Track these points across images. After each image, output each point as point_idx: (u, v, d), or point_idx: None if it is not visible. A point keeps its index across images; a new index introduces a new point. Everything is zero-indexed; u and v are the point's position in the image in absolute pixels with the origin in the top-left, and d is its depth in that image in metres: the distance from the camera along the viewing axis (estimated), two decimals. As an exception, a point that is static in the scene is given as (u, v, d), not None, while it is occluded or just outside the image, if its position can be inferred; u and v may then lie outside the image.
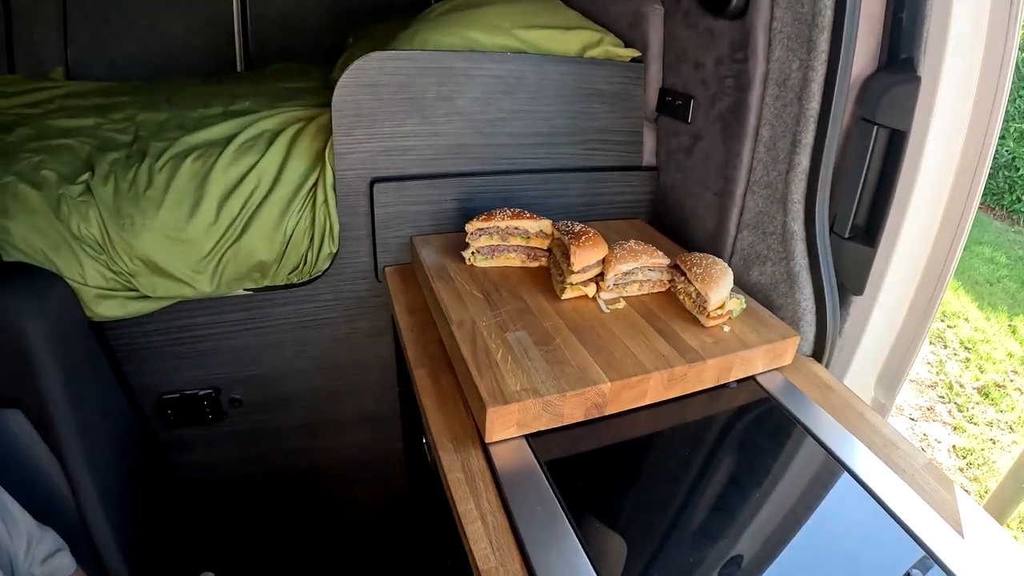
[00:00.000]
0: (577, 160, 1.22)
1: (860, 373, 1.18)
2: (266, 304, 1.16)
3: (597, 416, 0.81)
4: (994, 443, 2.75)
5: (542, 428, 0.78)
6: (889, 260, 1.04)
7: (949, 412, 2.85)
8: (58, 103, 1.61)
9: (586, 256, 0.90)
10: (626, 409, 0.83)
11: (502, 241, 1.01)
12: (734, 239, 1.14)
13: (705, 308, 0.92)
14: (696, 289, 0.93)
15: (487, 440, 0.76)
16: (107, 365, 1.13)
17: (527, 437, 0.78)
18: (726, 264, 0.97)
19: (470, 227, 0.99)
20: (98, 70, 1.91)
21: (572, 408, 0.78)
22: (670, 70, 1.22)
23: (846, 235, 1.00)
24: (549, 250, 1.02)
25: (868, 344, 1.15)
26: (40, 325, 0.95)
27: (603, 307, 0.93)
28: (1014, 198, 4.49)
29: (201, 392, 1.20)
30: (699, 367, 0.86)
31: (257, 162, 1.13)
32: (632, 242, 0.97)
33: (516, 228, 1.00)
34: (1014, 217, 4.57)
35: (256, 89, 1.66)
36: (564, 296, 0.94)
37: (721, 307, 0.93)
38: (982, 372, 3.08)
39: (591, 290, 0.94)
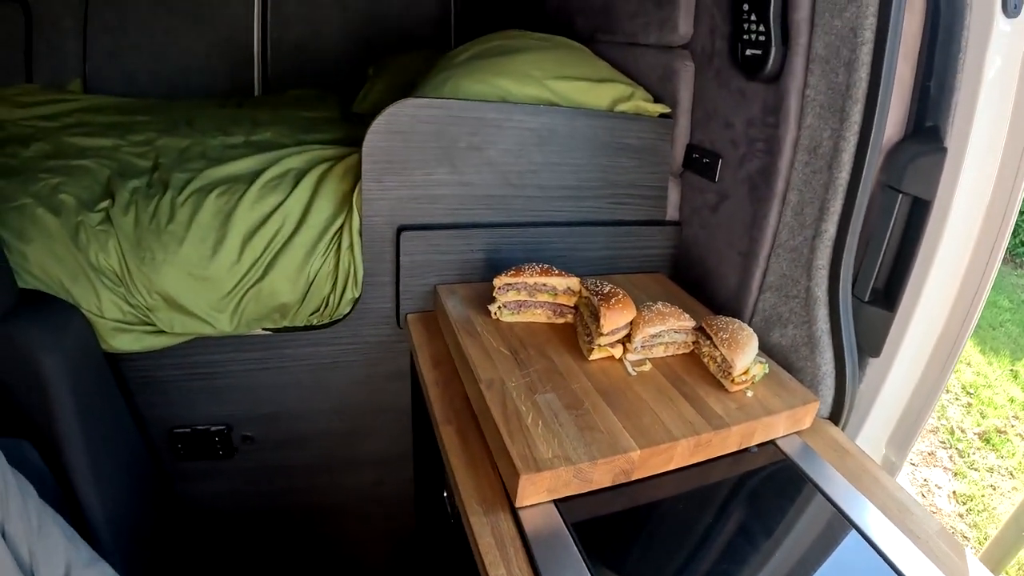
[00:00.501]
0: (603, 213, 1.25)
1: (872, 432, 1.21)
2: (285, 345, 1.17)
3: (624, 481, 0.84)
4: (994, 489, 2.77)
5: (571, 493, 0.80)
6: (907, 324, 1.06)
7: (950, 457, 2.88)
8: (76, 117, 1.64)
9: (616, 319, 0.92)
10: (652, 474, 0.86)
11: (529, 297, 1.03)
12: (756, 299, 1.17)
13: (730, 373, 0.95)
14: (722, 354, 0.96)
15: (517, 505, 0.78)
16: (120, 397, 1.14)
17: (555, 502, 0.80)
18: (751, 331, 0.99)
19: (498, 282, 1.02)
20: (115, 84, 1.94)
21: (601, 475, 0.80)
22: (699, 127, 1.25)
23: (866, 299, 1.02)
24: (575, 307, 1.05)
25: (882, 404, 1.17)
26: (56, 358, 0.96)
27: (630, 369, 0.96)
28: (1017, 242, 4.57)
29: (213, 428, 1.21)
30: (724, 434, 0.88)
31: (283, 202, 1.14)
32: (660, 304, 1.00)
33: (544, 284, 1.02)
34: (1017, 261, 4.65)
35: (276, 116, 1.69)
36: (592, 357, 0.96)
37: (745, 373, 0.95)
38: (983, 417, 3.11)
39: (618, 351, 0.97)
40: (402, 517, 1.44)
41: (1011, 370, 3.48)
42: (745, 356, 0.94)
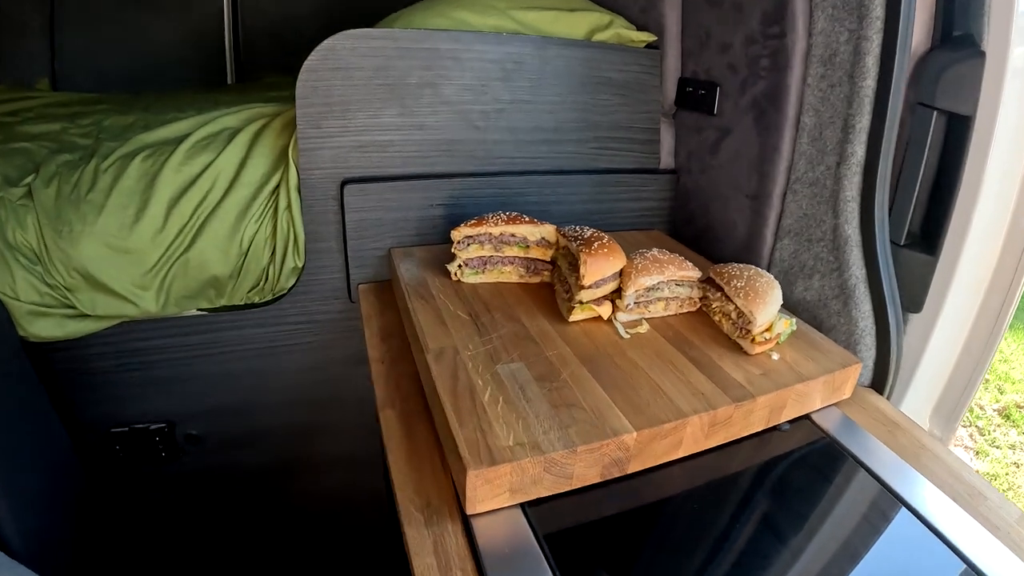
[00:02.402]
0: (584, 161, 0.99)
1: (914, 403, 0.95)
2: (224, 327, 0.94)
3: (616, 476, 0.58)
4: (1017, 467, 2.47)
5: (543, 495, 0.54)
6: (953, 270, 0.82)
7: (971, 436, 2.57)
8: (36, 112, 1.43)
9: (600, 267, 0.67)
10: (654, 465, 0.60)
11: (495, 251, 0.78)
12: (772, 249, 0.91)
13: (749, 331, 0.69)
14: (737, 307, 0.70)
15: (469, 511, 0.53)
16: (43, 393, 0.91)
17: (523, 505, 0.54)
18: (771, 277, 0.73)
19: (457, 234, 0.77)
20: (85, 81, 1.73)
21: (584, 467, 0.55)
22: (690, 57, 1.00)
23: (902, 242, 0.80)
24: (553, 262, 0.80)
25: (926, 370, 0.91)
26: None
27: (621, 331, 0.70)
28: None
29: (153, 426, 0.99)
30: (747, 406, 0.63)
31: (213, 161, 0.92)
32: (655, 251, 0.75)
33: (512, 235, 0.77)
34: None
35: (242, 97, 1.46)
36: (572, 318, 0.71)
37: (768, 329, 0.70)
38: (1001, 393, 2.80)
39: (606, 310, 0.71)
40: (375, 525, 1.18)
41: (1025, 343, 3.15)
42: (768, 307, 0.69)
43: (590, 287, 0.67)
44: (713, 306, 0.75)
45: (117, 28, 1.77)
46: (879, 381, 0.81)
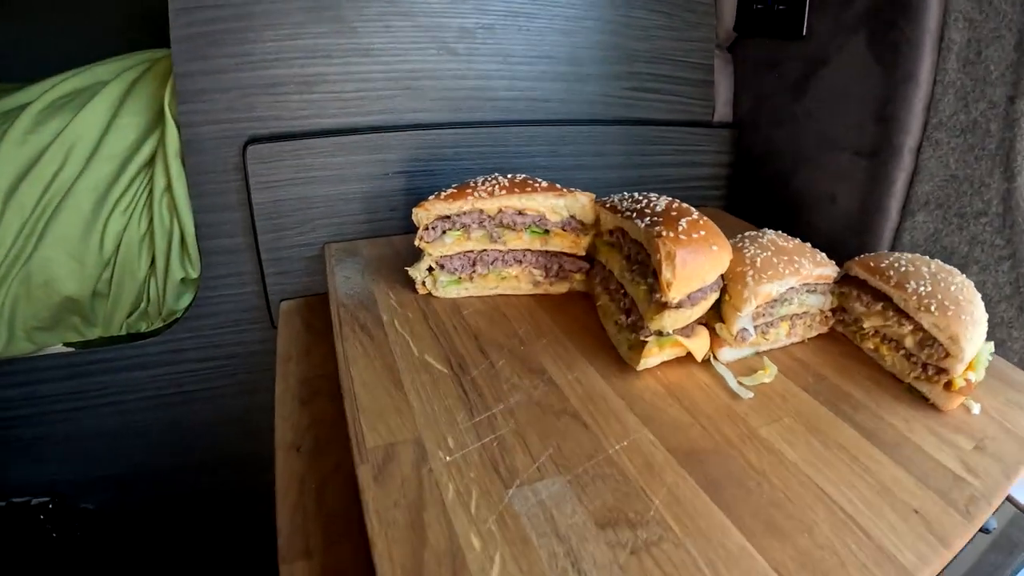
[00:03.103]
0: (611, 108, 0.66)
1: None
2: (101, 368, 0.65)
3: None
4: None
5: None
6: None
7: None
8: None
9: (699, 266, 0.34)
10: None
11: (492, 242, 0.45)
12: (897, 227, 0.61)
13: (944, 371, 0.37)
14: (920, 330, 0.38)
15: None
16: None
17: None
18: (964, 277, 0.42)
19: (424, 214, 0.44)
20: (24, 71, 1.40)
21: None
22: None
23: None
24: (590, 259, 0.46)
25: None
26: None
27: (733, 385, 0.37)
28: None
29: (35, 501, 0.72)
30: (980, 517, 0.32)
31: (67, 126, 0.61)
32: (771, 233, 0.42)
33: (521, 213, 0.44)
34: None
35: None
36: (644, 363, 0.37)
37: (971, 366, 0.38)
38: None
39: (702, 345, 0.38)
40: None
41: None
42: (976, 330, 0.39)
43: (679, 305, 0.34)
44: (865, 326, 0.43)
45: (56, 14, 1.45)
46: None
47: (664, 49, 0.68)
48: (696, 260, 0.34)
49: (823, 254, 0.45)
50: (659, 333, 0.35)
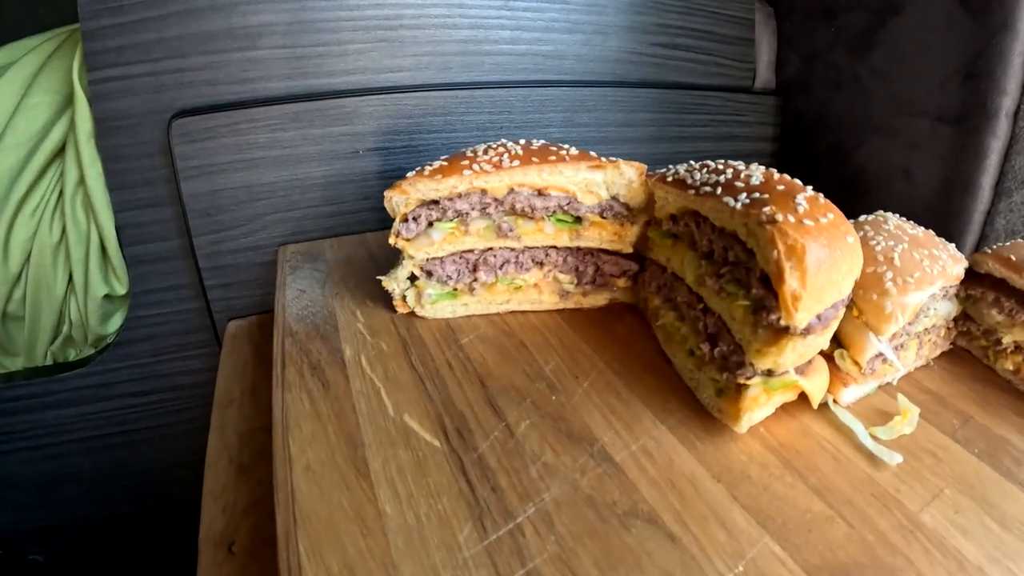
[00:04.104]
0: (638, 68, 0.54)
1: None
2: (23, 406, 0.54)
3: None
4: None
5: None
6: None
7: None
8: None
9: (836, 265, 0.22)
10: None
11: (499, 237, 0.32)
12: (988, 210, 0.49)
13: None
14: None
15: None
16: None
17: None
18: None
19: (399, 196, 0.31)
20: None
21: None
22: None
23: None
24: (640, 259, 0.34)
25: None
26: None
27: (870, 445, 0.25)
28: None
29: None
30: None
31: None
32: (894, 217, 0.30)
33: (540, 194, 0.32)
34: None
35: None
36: (747, 417, 0.24)
37: None
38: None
39: (821, 385, 0.25)
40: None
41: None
42: None
43: (808, 331, 0.22)
44: (1004, 341, 0.31)
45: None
46: None
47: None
48: (833, 259, 0.21)
49: (952, 245, 0.33)
50: (769, 373, 0.23)
